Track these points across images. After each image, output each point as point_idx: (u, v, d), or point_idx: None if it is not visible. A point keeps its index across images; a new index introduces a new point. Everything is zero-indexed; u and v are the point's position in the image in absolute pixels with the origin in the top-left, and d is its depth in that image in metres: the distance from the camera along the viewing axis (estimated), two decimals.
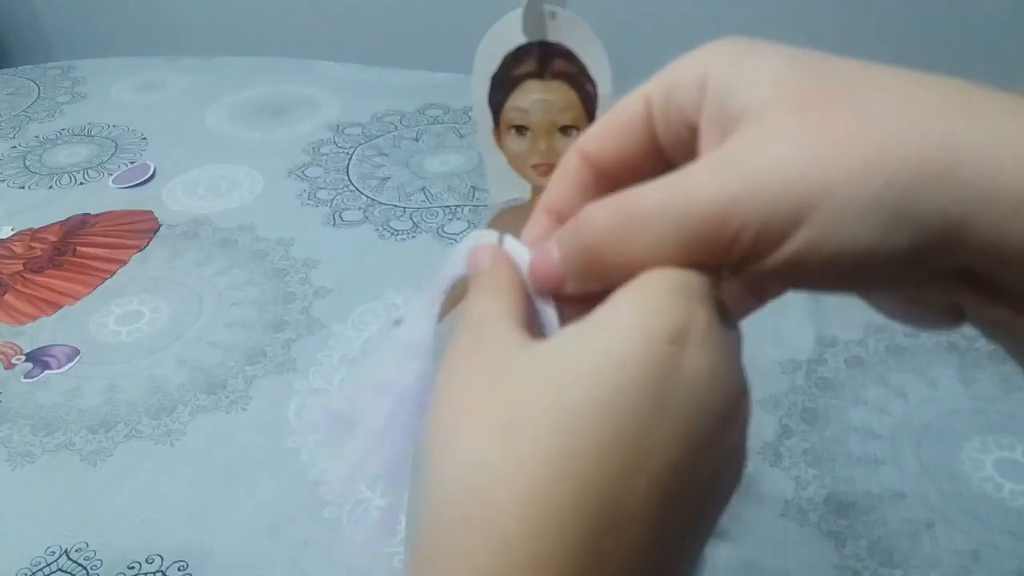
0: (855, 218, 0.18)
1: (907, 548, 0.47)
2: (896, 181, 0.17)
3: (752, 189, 0.18)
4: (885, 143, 0.18)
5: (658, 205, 0.19)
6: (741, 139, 0.19)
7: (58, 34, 1.61)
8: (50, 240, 0.78)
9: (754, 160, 0.18)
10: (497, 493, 0.19)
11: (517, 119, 0.32)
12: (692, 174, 0.19)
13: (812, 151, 0.18)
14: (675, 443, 0.19)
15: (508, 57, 0.31)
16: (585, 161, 0.23)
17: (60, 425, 0.57)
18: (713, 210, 0.19)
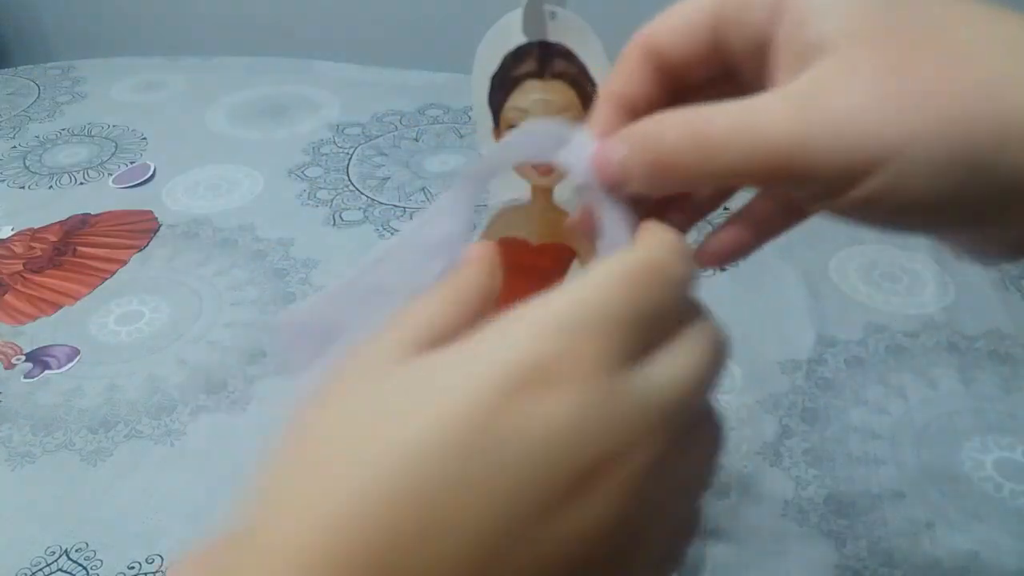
0: (930, 172, 0.17)
1: (907, 548, 0.47)
2: (975, 139, 0.17)
3: (827, 135, 0.18)
4: (967, 96, 0.17)
5: (730, 133, 0.19)
6: (818, 74, 0.18)
7: (58, 34, 1.61)
8: (50, 240, 0.78)
9: (831, 102, 0.18)
10: (274, 532, 0.17)
11: (517, 119, 0.32)
12: (768, 105, 0.19)
13: (891, 100, 0.17)
14: (487, 513, 0.16)
15: (508, 57, 0.31)
16: (647, 52, 0.23)
17: (60, 425, 0.57)
18: (785, 148, 0.18)
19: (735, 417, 0.56)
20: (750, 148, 0.19)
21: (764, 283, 0.69)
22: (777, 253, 0.72)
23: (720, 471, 0.52)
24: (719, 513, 0.50)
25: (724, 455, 0.22)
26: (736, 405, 0.57)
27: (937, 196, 0.18)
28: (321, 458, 0.18)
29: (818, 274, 0.69)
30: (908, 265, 0.70)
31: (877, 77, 0.18)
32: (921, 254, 0.71)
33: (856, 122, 0.18)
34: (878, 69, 0.18)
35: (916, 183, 0.18)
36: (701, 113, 0.20)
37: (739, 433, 0.55)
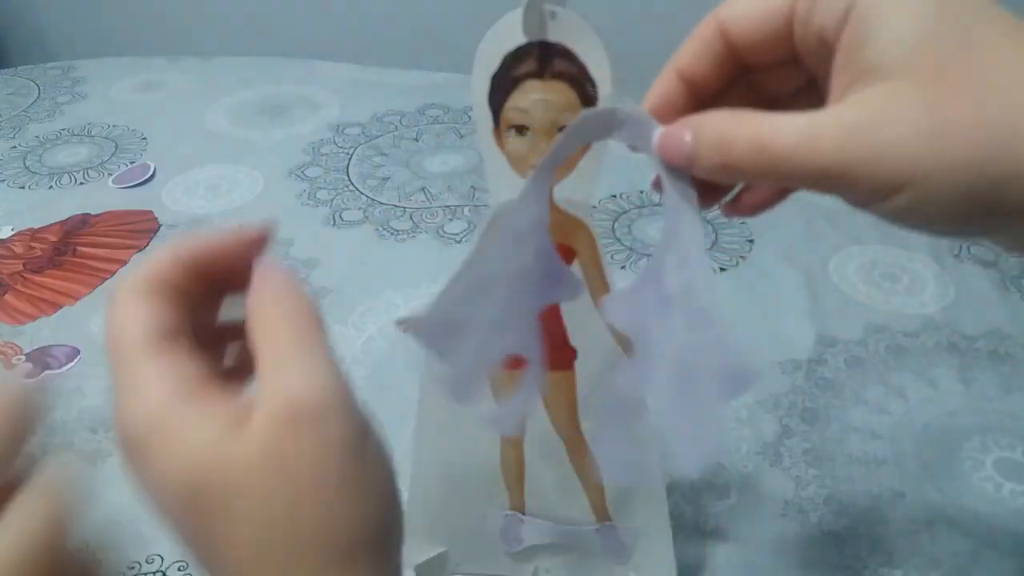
0: (950, 197, 0.21)
1: (907, 548, 0.47)
2: (989, 174, 0.21)
3: (871, 161, 0.22)
4: (990, 137, 0.21)
5: (793, 150, 0.23)
6: (871, 101, 0.22)
7: (58, 34, 1.61)
8: (50, 240, 0.78)
9: (878, 135, 0.22)
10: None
11: (517, 119, 0.32)
12: (825, 130, 0.22)
13: (925, 135, 0.21)
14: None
15: (508, 57, 0.31)
16: (719, 32, 0.26)
17: (60, 425, 0.57)
18: (837, 168, 0.22)
19: (735, 417, 0.56)
20: (808, 164, 0.22)
21: (764, 283, 0.69)
22: (777, 253, 0.72)
23: (720, 471, 0.52)
24: (719, 513, 0.50)
25: (724, 455, 0.23)
26: (736, 405, 0.57)
27: (953, 214, 0.22)
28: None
29: (818, 274, 0.69)
30: (908, 265, 0.70)
31: (918, 114, 0.21)
32: (921, 254, 0.71)
33: (894, 153, 0.21)
34: (920, 105, 0.21)
35: (937, 204, 0.21)
36: (769, 125, 0.23)
37: (739, 433, 0.55)
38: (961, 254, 0.71)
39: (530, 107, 0.31)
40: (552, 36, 0.30)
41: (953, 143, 0.21)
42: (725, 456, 0.53)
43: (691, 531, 0.48)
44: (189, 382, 0.23)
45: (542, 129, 0.32)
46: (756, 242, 0.74)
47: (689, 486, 0.51)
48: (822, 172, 0.22)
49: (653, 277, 0.29)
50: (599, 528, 0.42)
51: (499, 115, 0.32)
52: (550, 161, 0.29)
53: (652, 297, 0.29)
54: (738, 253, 0.72)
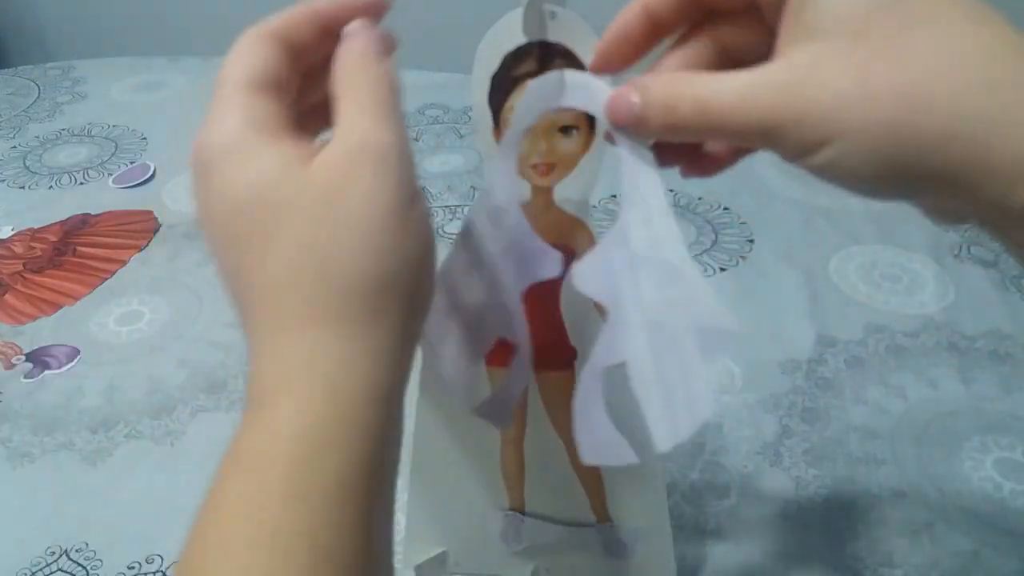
0: (861, 155, 0.23)
1: (907, 548, 0.47)
2: (901, 138, 0.22)
3: (799, 115, 0.23)
4: (905, 102, 0.22)
5: (729, 108, 0.24)
6: (804, 60, 0.24)
7: (58, 34, 1.61)
8: (50, 240, 0.78)
9: (802, 91, 0.23)
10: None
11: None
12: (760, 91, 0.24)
13: (847, 96, 0.22)
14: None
15: (508, 57, 0.31)
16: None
17: (60, 425, 0.57)
18: (769, 124, 0.24)
19: (735, 417, 0.56)
20: (744, 121, 0.24)
21: (764, 283, 0.69)
22: (777, 253, 0.72)
23: (720, 471, 0.52)
24: (719, 513, 0.50)
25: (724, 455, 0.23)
26: (736, 405, 0.57)
27: (872, 174, 0.23)
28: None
29: (818, 274, 0.69)
30: (908, 265, 0.70)
31: (842, 74, 0.23)
32: (921, 254, 0.71)
33: (817, 111, 0.23)
34: (845, 66, 0.23)
35: (856, 162, 0.23)
36: (710, 84, 0.25)
37: (739, 433, 0.55)
38: (961, 254, 0.71)
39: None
40: (552, 36, 0.30)
41: (872, 104, 0.22)
42: (725, 456, 0.53)
43: (691, 531, 0.48)
44: (269, 121, 0.25)
45: (542, 129, 0.32)
46: (756, 242, 0.74)
47: (689, 486, 0.51)
48: (757, 128, 0.24)
49: (619, 238, 0.29)
50: (599, 528, 0.42)
51: (499, 115, 0.32)
52: (514, 135, 0.30)
53: (619, 258, 0.29)
54: (738, 253, 0.72)
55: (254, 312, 0.24)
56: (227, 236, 0.24)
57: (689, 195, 0.80)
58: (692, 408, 0.27)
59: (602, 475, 0.41)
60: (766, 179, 0.82)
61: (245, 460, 0.23)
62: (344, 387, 0.23)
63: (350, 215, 0.23)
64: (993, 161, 0.21)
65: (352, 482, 0.22)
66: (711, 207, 0.79)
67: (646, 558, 0.43)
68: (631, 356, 0.29)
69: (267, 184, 0.24)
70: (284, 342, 0.23)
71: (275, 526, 0.21)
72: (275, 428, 0.23)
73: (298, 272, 0.23)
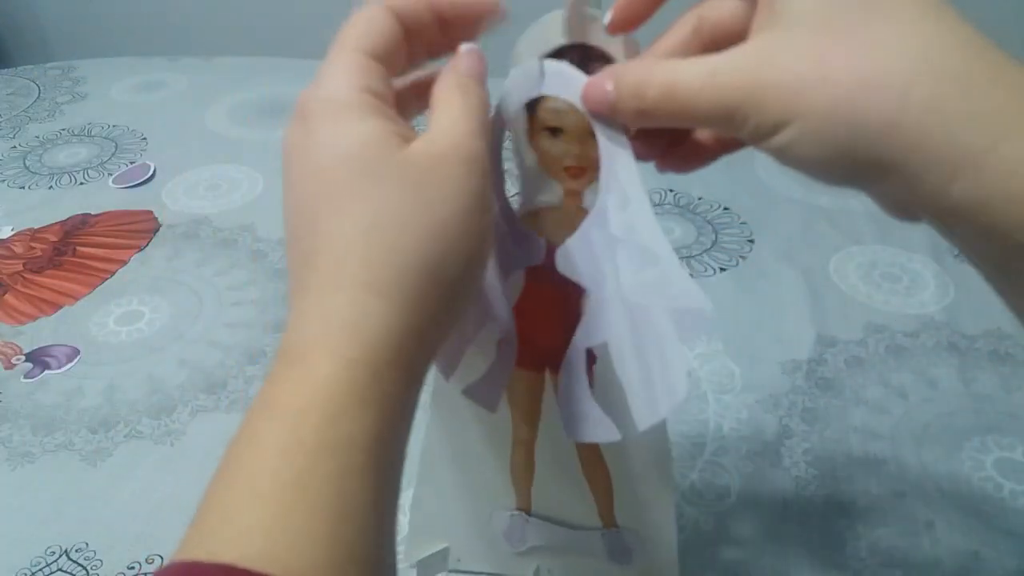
0: (816, 138, 0.23)
1: (907, 548, 0.47)
2: (854, 125, 0.23)
3: (759, 97, 0.24)
4: (857, 90, 0.23)
5: (695, 92, 0.25)
6: (764, 45, 0.25)
7: (58, 34, 1.61)
8: (50, 240, 0.78)
9: (762, 74, 0.24)
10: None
11: (551, 120, 0.32)
12: (721, 69, 0.25)
13: (803, 81, 0.23)
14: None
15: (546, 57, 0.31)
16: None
17: (60, 425, 0.57)
18: (733, 107, 0.24)
19: (735, 417, 0.56)
20: (709, 105, 0.25)
21: (764, 283, 0.69)
22: (777, 253, 0.72)
23: (720, 471, 0.52)
24: (720, 513, 0.50)
25: (724, 455, 0.24)
26: (736, 405, 0.57)
27: (826, 159, 0.24)
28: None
29: (818, 274, 0.69)
30: (908, 265, 0.70)
31: (801, 59, 0.23)
32: (921, 254, 0.71)
33: (776, 94, 0.24)
34: (805, 52, 0.23)
35: (811, 147, 0.24)
36: (678, 70, 0.26)
37: (739, 433, 0.55)
38: (961, 254, 0.71)
39: (565, 109, 0.31)
40: (593, 39, 0.30)
41: (827, 88, 0.23)
42: (725, 456, 0.53)
43: (692, 532, 0.48)
44: (379, 89, 0.27)
45: (575, 132, 0.31)
46: (756, 242, 0.74)
47: (689, 486, 0.51)
48: (721, 111, 0.25)
49: (598, 222, 0.30)
50: (605, 533, 0.42)
51: (533, 116, 0.32)
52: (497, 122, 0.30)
53: (599, 241, 0.30)
54: (738, 253, 0.72)
55: (315, 266, 0.25)
56: (316, 185, 0.25)
57: (689, 195, 0.80)
58: (670, 387, 0.29)
59: (612, 481, 0.41)
60: (766, 179, 0.82)
61: (279, 411, 0.24)
62: (383, 355, 0.24)
63: (434, 202, 0.25)
64: (935, 151, 0.22)
65: (379, 441, 0.24)
66: (711, 207, 0.79)
67: (650, 565, 0.43)
68: (611, 336, 0.30)
69: (368, 149, 0.25)
70: (335, 303, 0.24)
71: (306, 472, 0.22)
72: (312, 382, 0.24)
73: (372, 239, 0.24)
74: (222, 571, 0.21)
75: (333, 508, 0.22)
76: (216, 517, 0.23)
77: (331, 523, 0.22)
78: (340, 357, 0.24)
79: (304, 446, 0.23)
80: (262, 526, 0.22)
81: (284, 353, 0.25)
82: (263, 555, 0.21)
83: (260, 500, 0.22)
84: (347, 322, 0.24)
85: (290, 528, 0.21)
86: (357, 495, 0.23)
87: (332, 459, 0.23)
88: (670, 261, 0.29)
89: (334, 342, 0.24)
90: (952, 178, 0.22)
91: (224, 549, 0.22)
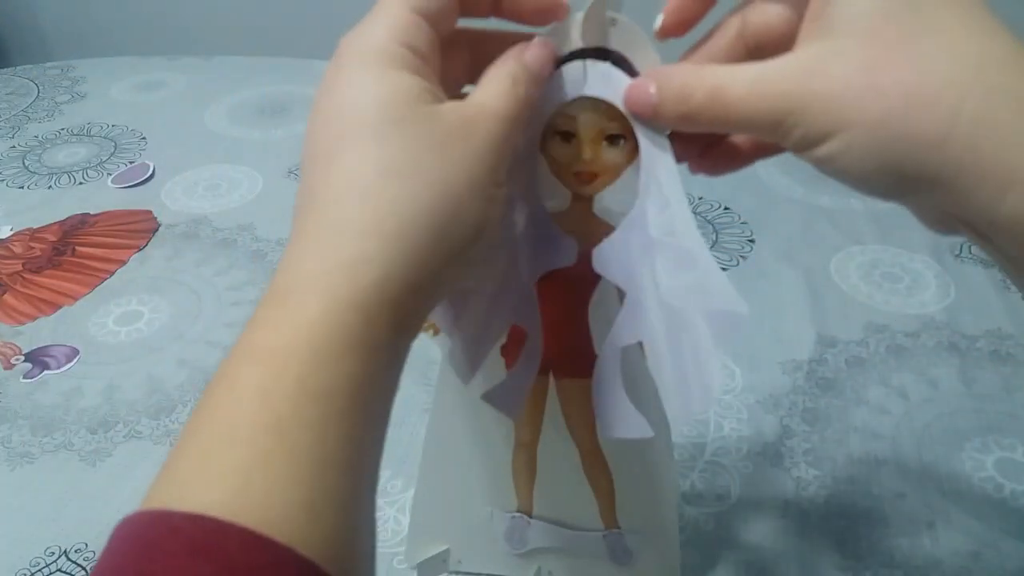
0: (864, 149, 0.23)
1: (908, 548, 0.47)
2: (899, 138, 0.23)
3: (806, 105, 0.24)
4: (906, 104, 0.23)
5: (740, 98, 0.25)
6: (814, 54, 0.25)
7: (58, 34, 1.61)
8: (49, 240, 0.78)
9: (811, 83, 0.24)
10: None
11: (563, 124, 0.31)
12: (771, 83, 0.25)
13: (853, 91, 0.23)
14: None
15: (562, 61, 0.31)
16: None
17: (59, 425, 0.57)
18: (779, 116, 0.24)
19: (735, 417, 0.56)
20: (754, 111, 0.25)
21: (765, 283, 0.69)
22: (777, 253, 0.72)
23: (720, 471, 0.52)
24: (719, 513, 0.49)
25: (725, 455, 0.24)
26: (736, 405, 0.57)
27: (869, 171, 0.24)
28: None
29: (819, 274, 0.69)
30: (909, 265, 0.70)
31: (851, 70, 0.23)
32: (922, 254, 0.71)
33: (823, 104, 0.24)
34: (855, 63, 0.23)
35: (855, 158, 0.24)
36: (724, 75, 0.26)
37: (739, 433, 0.55)
38: (962, 254, 0.71)
39: (578, 112, 0.31)
40: (611, 43, 0.30)
41: (877, 98, 0.23)
42: (725, 456, 0.53)
43: (692, 532, 0.48)
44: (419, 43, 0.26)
45: (587, 136, 0.31)
46: (756, 242, 0.74)
47: (689, 486, 0.51)
48: (767, 117, 0.25)
49: (637, 223, 0.30)
50: (606, 535, 0.42)
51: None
52: (537, 124, 0.30)
53: (637, 243, 0.30)
54: (738, 253, 0.72)
55: (321, 205, 0.25)
56: (339, 125, 0.25)
57: (690, 195, 0.80)
58: (704, 386, 0.29)
59: (614, 482, 0.40)
60: (767, 179, 0.82)
61: (261, 353, 0.23)
62: (377, 302, 0.24)
63: (454, 161, 0.25)
64: (985, 166, 0.22)
65: (363, 391, 0.23)
66: (712, 207, 0.79)
67: (652, 566, 0.42)
68: (647, 336, 0.31)
69: (398, 97, 0.25)
70: (335, 243, 0.24)
71: (286, 418, 0.22)
72: (296, 325, 0.23)
73: (384, 185, 0.24)
74: (192, 520, 0.20)
75: (314, 454, 0.22)
76: (191, 461, 0.22)
77: (311, 469, 0.21)
78: (332, 298, 0.23)
79: (286, 392, 0.22)
80: (239, 471, 0.21)
81: (273, 292, 0.24)
82: (238, 501, 0.20)
83: (238, 445, 0.21)
84: (344, 264, 0.24)
85: (268, 474, 0.21)
86: (339, 442, 0.22)
87: (314, 407, 0.22)
88: (708, 263, 0.29)
89: (327, 283, 0.23)
90: (1002, 193, 0.22)
91: (198, 494, 0.21)
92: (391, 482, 0.52)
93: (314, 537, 0.21)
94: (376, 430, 0.25)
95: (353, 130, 0.25)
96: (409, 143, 0.25)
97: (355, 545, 0.23)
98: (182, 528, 0.20)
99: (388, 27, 0.26)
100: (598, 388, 0.33)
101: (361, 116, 0.25)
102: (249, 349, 0.24)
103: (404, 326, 0.25)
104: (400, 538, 0.48)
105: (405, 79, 0.25)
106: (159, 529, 0.20)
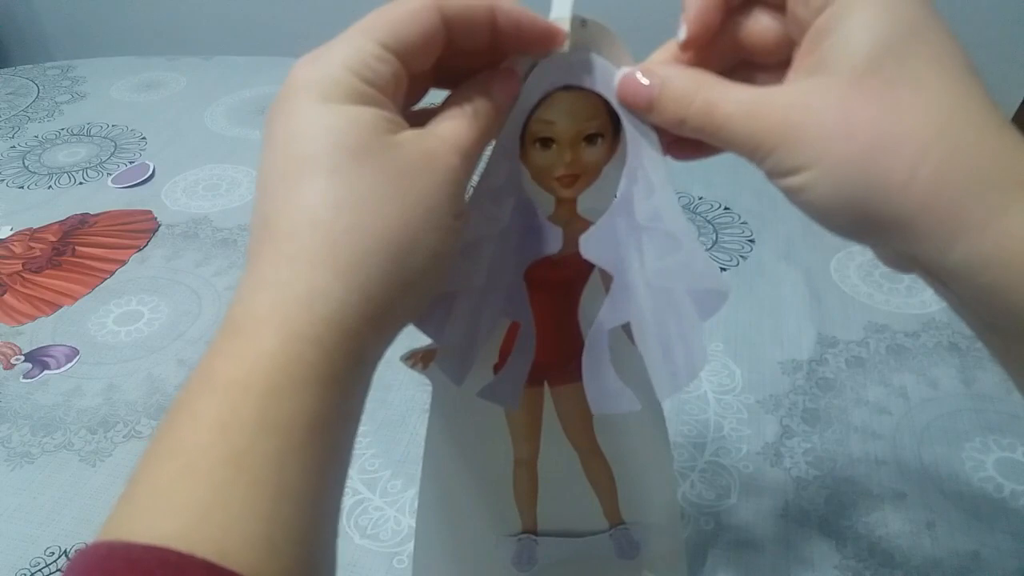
0: (831, 186, 0.25)
1: (908, 548, 0.47)
2: (866, 176, 0.24)
3: (784, 138, 0.25)
4: (876, 141, 0.24)
5: (728, 117, 0.26)
6: (801, 88, 0.26)
7: (58, 34, 1.61)
8: (49, 240, 0.78)
9: (797, 115, 0.25)
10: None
11: (543, 131, 0.31)
12: (759, 101, 0.26)
13: (828, 129, 0.24)
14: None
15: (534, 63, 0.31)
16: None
17: (59, 425, 0.57)
18: (757, 139, 0.26)
19: (735, 417, 0.56)
20: (738, 132, 0.26)
21: (765, 283, 0.69)
22: (777, 253, 0.72)
23: (720, 471, 0.52)
24: (720, 513, 0.49)
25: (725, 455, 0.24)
26: (736, 405, 0.57)
27: (835, 210, 0.25)
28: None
29: (819, 274, 0.69)
30: None
31: (831, 108, 0.25)
32: None
33: (799, 137, 0.25)
34: (836, 102, 0.25)
35: (822, 195, 0.25)
36: (721, 90, 0.27)
37: (739, 433, 0.55)
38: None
39: (556, 118, 0.31)
40: (582, 44, 0.30)
41: (848, 144, 0.24)
42: (725, 456, 0.53)
43: (692, 532, 0.48)
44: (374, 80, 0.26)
45: (567, 140, 0.31)
46: (756, 242, 0.74)
47: (690, 486, 0.51)
48: (747, 141, 0.26)
49: (623, 209, 0.31)
50: (612, 532, 0.42)
51: (525, 125, 0.32)
52: (515, 116, 0.30)
53: (624, 228, 0.32)
54: (738, 253, 0.72)
55: (275, 235, 0.24)
56: (294, 158, 0.25)
57: (690, 195, 0.80)
58: (690, 360, 0.31)
59: (615, 476, 0.40)
60: (767, 180, 0.82)
61: (219, 384, 0.23)
62: (334, 335, 0.23)
63: (411, 192, 0.25)
64: (939, 215, 0.23)
65: (321, 424, 0.23)
66: (712, 207, 0.79)
67: (657, 553, 0.42)
68: (635, 315, 0.32)
69: (355, 128, 0.25)
70: (290, 275, 0.24)
71: (244, 451, 0.22)
72: (254, 357, 0.23)
73: (340, 216, 0.24)
74: (151, 552, 0.20)
75: (272, 487, 0.21)
76: (149, 491, 0.22)
77: (270, 502, 0.21)
78: (288, 333, 0.23)
79: (244, 425, 0.22)
80: (199, 503, 0.21)
81: (230, 322, 0.24)
82: (198, 533, 0.20)
83: (197, 476, 0.21)
84: (300, 297, 0.23)
85: (227, 506, 0.21)
86: (299, 475, 0.22)
87: (272, 439, 0.22)
88: (692, 245, 0.30)
89: (283, 316, 0.23)
90: (953, 242, 0.23)
91: (156, 525, 0.20)
92: (391, 482, 0.52)
93: (272, 569, 0.21)
94: (337, 461, 0.24)
95: (308, 162, 0.24)
96: (365, 174, 0.24)
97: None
98: (141, 560, 0.20)
99: (345, 57, 0.25)
100: (588, 367, 0.34)
101: (315, 147, 0.24)
102: (208, 379, 0.23)
103: (362, 357, 0.25)
104: (400, 538, 0.48)
105: (360, 111, 0.25)
106: (117, 561, 0.20)
